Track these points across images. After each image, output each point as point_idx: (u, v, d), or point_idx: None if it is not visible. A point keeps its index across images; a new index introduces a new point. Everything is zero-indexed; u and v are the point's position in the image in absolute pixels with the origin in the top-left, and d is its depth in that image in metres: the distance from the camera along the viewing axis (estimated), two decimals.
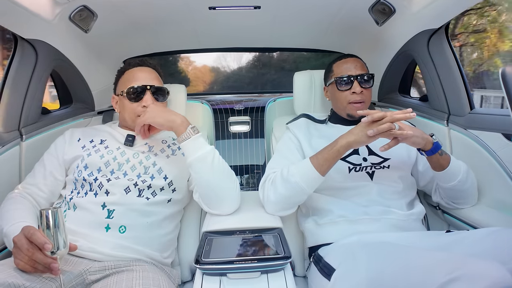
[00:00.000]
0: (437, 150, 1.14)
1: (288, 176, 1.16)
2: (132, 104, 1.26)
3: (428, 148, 1.13)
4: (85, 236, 1.06)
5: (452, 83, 1.38)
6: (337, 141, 1.12)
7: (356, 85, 1.33)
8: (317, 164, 1.14)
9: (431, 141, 1.13)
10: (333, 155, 1.12)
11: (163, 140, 1.33)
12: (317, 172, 1.13)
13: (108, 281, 0.96)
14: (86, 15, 1.35)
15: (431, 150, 1.13)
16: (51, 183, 1.20)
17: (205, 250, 0.99)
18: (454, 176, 1.17)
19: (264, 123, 1.84)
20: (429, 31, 1.37)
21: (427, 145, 1.13)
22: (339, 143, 1.11)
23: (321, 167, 1.13)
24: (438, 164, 1.17)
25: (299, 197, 1.19)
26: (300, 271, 1.35)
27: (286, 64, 5.04)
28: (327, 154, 1.13)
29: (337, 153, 1.12)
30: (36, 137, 1.38)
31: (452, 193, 1.23)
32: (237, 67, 5.73)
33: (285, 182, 1.17)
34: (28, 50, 1.28)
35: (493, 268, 0.69)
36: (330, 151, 1.12)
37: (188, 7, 1.45)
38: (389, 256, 0.89)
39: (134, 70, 1.33)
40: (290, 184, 1.15)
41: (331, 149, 1.12)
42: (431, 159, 1.16)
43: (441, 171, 1.17)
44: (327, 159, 1.13)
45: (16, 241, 0.87)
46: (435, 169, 1.18)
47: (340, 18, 1.57)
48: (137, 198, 1.15)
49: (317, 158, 1.15)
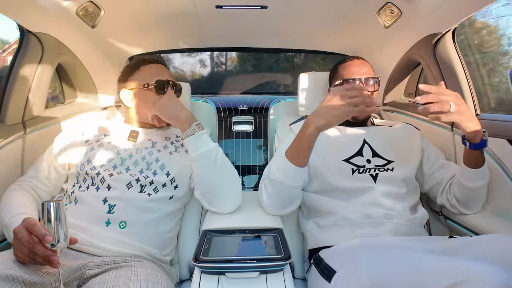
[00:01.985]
0: (483, 147, 1.09)
1: (270, 174, 1.16)
2: (158, 96, 1.27)
3: (475, 141, 1.08)
4: (85, 230, 1.06)
5: (458, 88, 1.36)
6: (306, 128, 1.06)
7: None
8: (291, 157, 1.10)
9: (481, 136, 1.07)
10: (305, 145, 1.07)
11: (166, 137, 1.33)
12: (292, 164, 1.09)
13: (106, 276, 0.96)
14: (93, 11, 1.35)
15: (476, 144, 1.09)
16: (53, 177, 1.21)
17: (204, 249, 0.98)
18: (483, 177, 1.16)
19: (268, 124, 1.83)
20: (436, 35, 1.36)
21: (475, 138, 1.07)
22: (308, 130, 1.05)
23: (295, 159, 1.10)
24: (475, 160, 1.13)
25: (285, 192, 1.16)
26: (299, 273, 1.34)
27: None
28: (299, 144, 1.09)
29: (309, 141, 1.06)
30: (39, 131, 1.38)
31: (470, 195, 1.20)
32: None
33: (270, 181, 1.17)
34: (34, 43, 1.29)
35: (497, 274, 0.68)
36: (301, 141, 1.08)
37: (195, 5, 1.44)
38: (391, 260, 0.88)
39: (152, 65, 1.34)
40: (274, 183, 1.15)
41: (301, 139, 1.07)
42: (470, 153, 1.12)
43: (475, 169, 1.14)
44: (300, 149, 1.09)
45: (17, 232, 0.86)
46: (470, 166, 1.14)
47: (347, 20, 1.57)
48: (138, 194, 1.15)
49: (290, 151, 1.11)
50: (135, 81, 1.32)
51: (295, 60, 3.59)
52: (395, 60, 1.64)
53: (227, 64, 3.75)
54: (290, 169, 1.11)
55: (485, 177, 1.16)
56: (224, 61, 3.73)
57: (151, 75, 1.30)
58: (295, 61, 3.61)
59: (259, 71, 3.59)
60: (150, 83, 1.28)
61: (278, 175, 1.13)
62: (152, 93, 1.28)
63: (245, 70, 3.72)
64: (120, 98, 1.34)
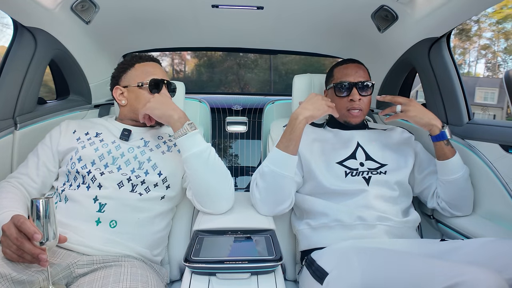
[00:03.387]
0: (442, 138, 1.22)
1: (262, 168, 1.19)
2: (151, 95, 1.26)
3: (434, 133, 1.22)
4: (75, 229, 1.04)
5: (451, 92, 1.38)
6: (295, 120, 1.18)
7: (355, 92, 1.32)
8: (283, 147, 1.17)
9: (439, 128, 1.22)
10: (295, 134, 1.17)
11: (159, 136, 1.32)
12: (284, 153, 1.16)
13: (95, 275, 0.95)
14: (88, 6, 1.34)
15: (436, 136, 1.22)
16: (44, 174, 1.19)
17: (195, 249, 0.97)
18: (456, 170, 1.22)
19: (262, 125, 1.83)
20: (431, 40, 1.37)
21: (433, 130, 1.23)
22: (297, 121, 1.18)
23: (287, 148, 1.16)
24: (443, 152, 1.23)
25: (280, 184, 1.17)
26: (291, 275, 1.34)
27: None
28: (289, 135, 1.18)
29: (298, 130, 1.18)
30: (30, 127, 1.36)
31: (452, 191, 1.24)
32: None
33: (261, 175, 1.18)
34: (27, 38, 1.27)
35: (491, 276, 0.69)
36: (291, 131, 1.18)
37: (191, 3, 1.44)
38: (385, 262, 0.88)
39: (148, 64, 1.33)
40: (266, 175, 1.17)
41: (291, 129, 1.18)
42: (436, 146, 1.24)
43: (444, 160, 1.22)
44: (291, 139, 1.17)
45: (5, 229, 0.85)
46: (439, 158, 1.24)
47: (342, 23, 1.57)
48: (130, 193, 1.13)
49: (281, 142, 1.19)
50: (129, 79, 1.31)
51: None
52: (390, 63, 1.64)
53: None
54: (282, 157, 1.16)
55: (458, 170, 1.22)
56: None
57: (146, 74, 1.29)
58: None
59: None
60: (144, 81, 1.27)
61: (270, 166, 1.16)
62: (146, 92, 1.27)
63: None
64: (113, 95, 1.33)
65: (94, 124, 1.30)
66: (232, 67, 7.46)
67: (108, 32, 1.59)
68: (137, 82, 1.28)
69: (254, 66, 7.72)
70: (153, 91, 1.27)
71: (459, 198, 1.24)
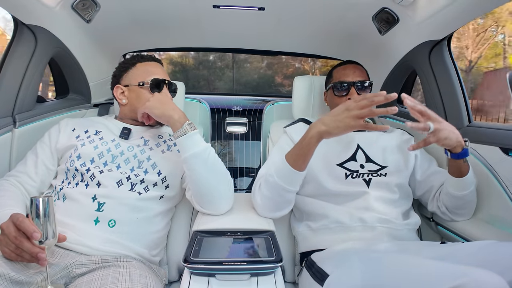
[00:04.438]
0: (465, 156, 1.11)
1: (267, 176, 1.16)
2: (152, 95, 1.25)
3: (456, 151, 1.10)
4: (73, 228, 1.03)
5: (452, 95, 1.38)
6: (308, 132, 1.07)
7: (353, 91, 1.32)
8: (291, 161, 1.10)
9: (462, 146, 1.10)
10: (305, 149, 1.07)
11: (159, 135, 1.31)
12: (292, 168, 1.10)
13: (94, 275, 0.94)
14: (89, 5, 1.34)
15: (457, 154, 1.10)
16: (42, 172, 1.18)
17: (195, 250, 0.96)
18: (468, 186, 1.16)
19: (262, 126, 1.83)
20: (432, 42, 1.37)
21: (457, 148, 1.09)
22: (309, 134, 1.06)
23: (295, 162, 1.10)
24: (459, 170, 1.14)
25: (282, 196, 1.16)
26: (290, 277, 1.34)
27: None
28: (299, 149, 1.09)
29: (309, 145, 1.06)
30: (29, 125, 1.35)
31: (458, 203, 1.21)
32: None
33: (266, 183, 1.16)
34: (27, 35, 1.26)
35: (494, 278, 0.69)
36: (302, 145, 1.08)
37: (192, 3, 1.44)
38: (386, 264, 0.87)
39: (149, 63, 1.33)
40: (270, 185, 1.15)
41: (302, 143, 1.08)
42: (453, 162, 1.14)
43: (459, 178, 1.15)
44: (300, 154, 1.09)
45: (4, 228, 0.84)
46: (454, 175, 1.16)
47: (343, 25, 1.57)
48: (129, 192, 1.13)
49: (291, 154, 1.12)
50: (130, 78, 1.30)
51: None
52: (390, 66, 1.64)
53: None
54: (288, 172, 1.11)
55: (470, 186, 1.17)
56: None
57: (147, 73, 1.29)
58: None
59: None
60: (145, 81, 1.27)
61: (275, 177, 1.13)
62: (146, 91, 1.27)
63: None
64: (113, 94, 1.33)
65: (94, 122, 1.29)
66: (203, 75, 9.06)
67: (108, 31, 1.59)
68: (138, 81, 1.27)
69: (221, 74, 9.56)
70: (154, 90, 1.26)
71: (464, 208, 1.23)
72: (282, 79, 11.63)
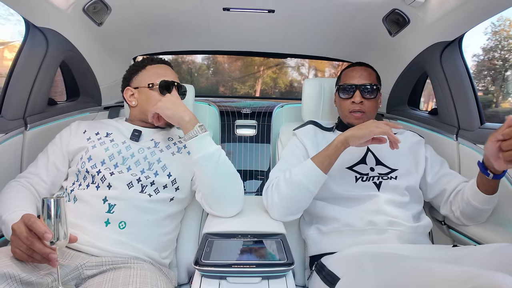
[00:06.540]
0: (503, 176, 1.08)
1: (291, 176, 1.16)
2: (162, 97, 1.25)
3: (499, 172, 1.06)
4: (84, 229, 1.04)
5: (463, 97, 1.36)
6: (336, 139, 1.16)
7: (357, 94, 1.32)
8: (318, 162, 1.15)
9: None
10: (331, 151, 1.15)
11: (169, 137, 1.31)
12: (319, 169, 1.14)
13: (104, 276, 0.94)
14: (100, 8, 1.34)
15: (499, 175, 1.07)
16: (53, 174, 1.19)
17: (205, 252, 0.96)
18: (494, 201, 1.14)
19: (271, 129, 1.82)
20: (443, 44, 1.35)
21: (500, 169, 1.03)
22: (337, 139, 1.15)
23: (322, 164, 1.14)
24: (492, 188, 1.11)
25: (303, 196, 1.16)
26: (300, 280, 1.33)
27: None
28: (326, 151, 1.16)
29: (335, 148, 1.14)
30: (40, 128, 1.36)
31: (477, 213, 1.18)
32: None
33: (288, 182, 1.16)
34: (39, 38, 1.27)
35: (508, 280, 0.67)
36: (329, 148, 1.16)
37: (203, 6, 1.44)
38: (400, 267, 0.86)
39: (159, 66, 1.34)
40: (293, 184, 1.15)
41: (329, 146, 1.16)
42: (490, 181, 1.10)
43: (489, 195, 1.12)
44: (326, 156, 1.15)
45: (15, 228, 0.84)
46: (486, 192, 1.12)
47: (353, 27, 1.56)
48: (139, 194, 1.13)
49: (317, 156, 1.17)
50: (140, 80, 1.31)
51: None
52: (401, 68, 1.63)
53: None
54: (317, 174, 1.14)
55: (495, 200, 1.14)
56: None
57: (157, 75, 1.30)
58: None
59: None
60: (155, 83, 1.27)
61: (301, 176, 1.14)
62: (156, 93, 1.27)
63: None
64: (124, 96, 1.33)
65: (105, 124, 1.30)
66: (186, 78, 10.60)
67: (119, 34, 1.60)
68: (147, 83, 1.28)
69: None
70: (163, 92, 1.27)
71: (481, 216, 1.20)
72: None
